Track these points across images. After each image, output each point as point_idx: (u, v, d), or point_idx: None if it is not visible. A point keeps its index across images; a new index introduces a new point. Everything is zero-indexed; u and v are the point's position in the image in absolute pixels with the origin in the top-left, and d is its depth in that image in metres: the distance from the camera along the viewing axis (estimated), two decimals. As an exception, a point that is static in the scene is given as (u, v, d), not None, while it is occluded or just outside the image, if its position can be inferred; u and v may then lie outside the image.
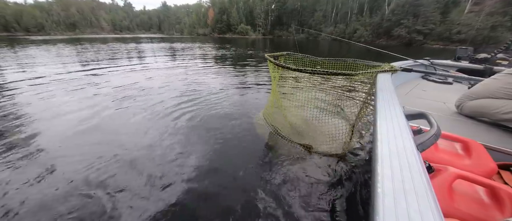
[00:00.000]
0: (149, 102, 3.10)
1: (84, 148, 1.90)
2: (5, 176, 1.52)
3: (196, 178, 1.52)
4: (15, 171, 1.58)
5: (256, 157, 1.76)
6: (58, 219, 1.20)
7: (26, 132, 2.17)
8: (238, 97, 3.40)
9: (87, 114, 2.67)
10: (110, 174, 1.55)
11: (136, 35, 55.90)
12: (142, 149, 1.88)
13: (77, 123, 2.39)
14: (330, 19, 46.82)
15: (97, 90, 3.76)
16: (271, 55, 1.71)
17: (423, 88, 2.20)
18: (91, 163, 1.67)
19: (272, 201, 1.30)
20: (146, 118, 2.55)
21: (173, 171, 1.59)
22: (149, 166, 1.65)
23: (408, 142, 0.51)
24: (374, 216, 0.32)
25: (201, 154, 1.80)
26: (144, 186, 1.44)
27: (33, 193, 1.38)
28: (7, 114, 2.66)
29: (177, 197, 1.35)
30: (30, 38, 26.29)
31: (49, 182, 1.47)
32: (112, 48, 12.90)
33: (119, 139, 2.06)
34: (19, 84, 4.13)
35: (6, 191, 1.39)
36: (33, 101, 3.14)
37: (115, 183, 1.46)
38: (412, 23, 30.05)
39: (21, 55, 8.88)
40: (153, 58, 8.66)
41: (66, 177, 1.53)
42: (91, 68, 6.05)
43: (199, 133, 2.17)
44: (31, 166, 1.64)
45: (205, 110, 2.80)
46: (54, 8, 71.02)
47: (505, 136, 1.17)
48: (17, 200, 1.32)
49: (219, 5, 61.28)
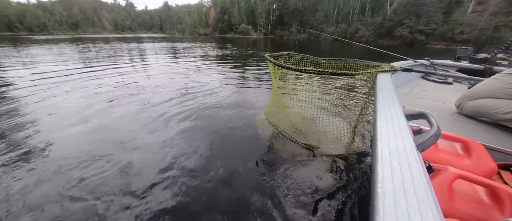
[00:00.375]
0: (149, 101, 3.11)
1: (82, 146, 1.92)
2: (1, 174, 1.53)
3: (196, 177, 1.52)
4: (13, 169, 1.59)
5: (256, 157, 1.76)
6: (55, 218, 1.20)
7: (26, 130, 2.19)
8: (239, 96, 3.41)
9: (87, 112, 2.70)
10: (108, 173, 1.55)
11: (138, 35, 56.14)
12: (141, 147, 1.89)
13: (76, 121, 2.42)
14: (331, 19, 46.69)
15: (98, 88, 3.79)
16: (271, 55, 1.72)
17: (423, 88, 2.20)
18: (88, 162, 1.68)
19: (271, 201, 1.30)
20: (146, 116, 2.55)
21: (174, 170, 1.59)
22: (148, 165, 1.65)
23: (408, 142, 0.51)
24: (374, 216, 0.32)
25: (201, 153, 1.80)
26: (142, 186, 1.43)
27: (29, 191, 1.38)
28: (8, 111, 2.69)
29: (177, 196, 1.35)
30: (33, 38, 26.45)
31: (46, 180, 1.48)
32: (114, 48, 13.01)
33: (118, 137, 2.07)
34: (21, 82, 4.18)
35: (5, 189, 1.39)
36: (34, 99, 3.17)
37: (111, 182, 1.46)
38: (415, 23, 29.88)
39: (23, 54, 8.95)
40: (155, 57, 8.71)
41: (63, 175, 1.54)
42: (93, 66, 6.08)
43: (200, 132, 2.16)
44: (29, 164, 1.65)
45: (205, 109, 2.80)
46: (57, 7, 71.48)
47: (505, 136, 1.17)
48: (16, 199, 1.32)
49: (221, 5, 61.34)
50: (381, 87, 0.98)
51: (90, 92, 3.57)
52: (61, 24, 70.44)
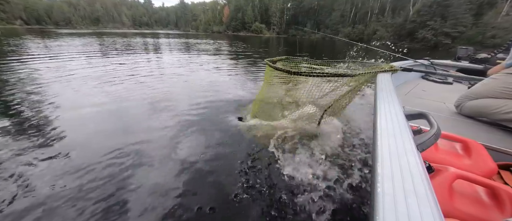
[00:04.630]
0: (163, 96, 3.17)
1: (95, 135, 2.03)
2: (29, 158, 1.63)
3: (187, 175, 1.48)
4: (37, 154, 1.68)
5: (253, 157, 1.73)
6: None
7: (48, 116, 2.39)
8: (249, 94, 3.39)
9: (104, 102, 2.86)
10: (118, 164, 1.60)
11: (154, 31, 58.36)
12: (154, 142, 1.93)
13: (95, 112, 2.57)
14: (348, 19, 45.04)
15: (116, 79, 4.04)
16: (270, 60, 1.77)
17: (423, 88, 2.18)
18: (98, 135, 1.96)
19: (270, 201, 1.29)
20: (160, 112, 2.59)
21: (179, 165, 1.61)
22: (161, 160, 1.67)
23: (408, 142, 0.51)
24: (374, 216, 0.32)
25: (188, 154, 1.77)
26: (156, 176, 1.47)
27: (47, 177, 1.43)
28: (32, 99, 2.91)
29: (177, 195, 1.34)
30: (58, 31, 28.09)
31: (64, 166, 1.55)
32: (133, 42, 14.03)
33: (131, 129, 2.16)
34: (48, 72, 4.57)
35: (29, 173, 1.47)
36: (57, 87, 3.47)
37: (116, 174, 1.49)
38: (440, 25, 27.86)
39: (52, 46, 9.78)
40: (170, 53, 9.21)
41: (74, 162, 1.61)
42: (114, 59, 6.65)
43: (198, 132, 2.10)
44: (48, 149, 1.76)
45: (208, 109, 2.71)
46: (81, 3, 75.63)
47: (505, 136, 1.16)
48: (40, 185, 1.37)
49: (235, 3, 61.47)
50: (381, 87, 0.97)
51: (109, 83, 3.76)
52: (84, 19, 74.51)
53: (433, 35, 28.26)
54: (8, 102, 2.74)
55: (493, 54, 2.76)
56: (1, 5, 49.37)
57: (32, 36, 15.69)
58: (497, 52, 2.71)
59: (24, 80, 3.79)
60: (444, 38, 27.50)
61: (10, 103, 2.71)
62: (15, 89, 3.26)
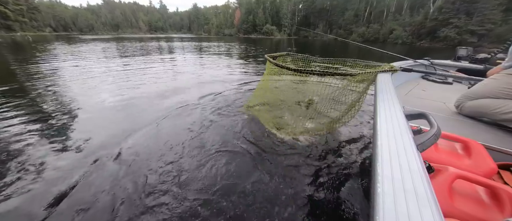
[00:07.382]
0: (176, 95, 3.33)
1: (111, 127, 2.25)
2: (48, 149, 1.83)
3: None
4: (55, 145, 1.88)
5: (253, 156, 1.73)
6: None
7: (70, 112, 2.68)
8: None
9: (121, 100, 3.12)
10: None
11: (169, 35, 60.58)
12: (165, 142, 1.98)
13: (112, 109, 2.79)
14: (362, 18, 43.51)
15: (134, 79, 4.41)
16: (270, 55, 1.76)
17: (423, 88, 2.17)
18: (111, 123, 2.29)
19: (269, 201, 1.29)
20: (173, 112, 2.68)
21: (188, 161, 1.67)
22: (171, 158, 1.71)
23: (408, 142, 0.51)
24: (374, 216, 0.32)
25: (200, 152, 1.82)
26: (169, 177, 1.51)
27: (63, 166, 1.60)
28: (55, 97, 3.28)
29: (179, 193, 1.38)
30: (82, 38, 30.03)
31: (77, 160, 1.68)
32: (150, 46, 14.95)
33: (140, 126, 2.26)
34: (72, 71, 5.17)
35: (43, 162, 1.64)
36: (77, 85, 3.92)
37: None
38: (464, 22, 25.89)
39: (78, 50, 10.71)
40: (183, 55, 9.66)
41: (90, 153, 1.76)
42: (131, 61, 7.23)
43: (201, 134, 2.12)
44: (68, 141, 1.96)
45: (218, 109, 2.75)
46: (102, 10, 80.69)
47: (505, 136, 1.15)
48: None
49: (246, 5, 62.04)
50: (381, 87, 0.98)
51: (127, 83, 4.08)
52: (105, 25, 79.39)
53: (457, 33, 26.34)
54: (55, 94, 3.36)
55: (493, 54, 2.72)
56: (33, 14, 54.10)
57: (62, 42, 17.31)
58: (497, 52, 2.67)
59: (63, 78, 4.44)
60: (469, 36, 25.50)
61: (56, 97, 3.22)
62: (59, 86, 3.83)
